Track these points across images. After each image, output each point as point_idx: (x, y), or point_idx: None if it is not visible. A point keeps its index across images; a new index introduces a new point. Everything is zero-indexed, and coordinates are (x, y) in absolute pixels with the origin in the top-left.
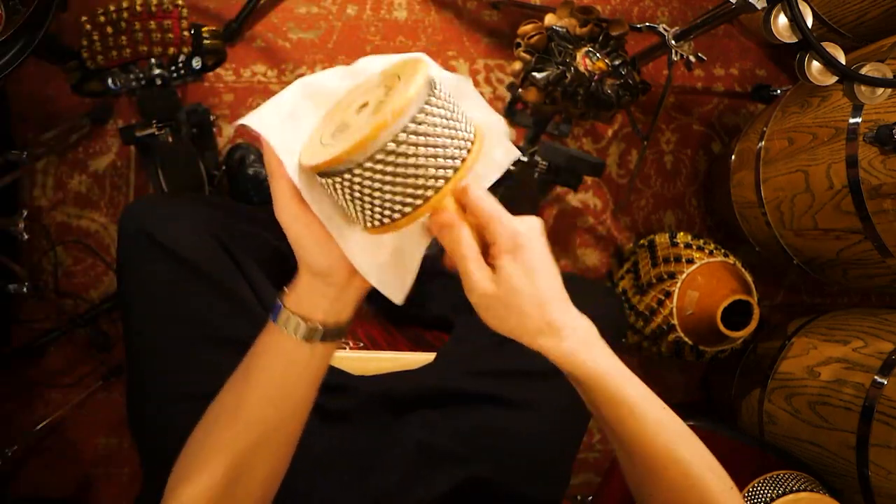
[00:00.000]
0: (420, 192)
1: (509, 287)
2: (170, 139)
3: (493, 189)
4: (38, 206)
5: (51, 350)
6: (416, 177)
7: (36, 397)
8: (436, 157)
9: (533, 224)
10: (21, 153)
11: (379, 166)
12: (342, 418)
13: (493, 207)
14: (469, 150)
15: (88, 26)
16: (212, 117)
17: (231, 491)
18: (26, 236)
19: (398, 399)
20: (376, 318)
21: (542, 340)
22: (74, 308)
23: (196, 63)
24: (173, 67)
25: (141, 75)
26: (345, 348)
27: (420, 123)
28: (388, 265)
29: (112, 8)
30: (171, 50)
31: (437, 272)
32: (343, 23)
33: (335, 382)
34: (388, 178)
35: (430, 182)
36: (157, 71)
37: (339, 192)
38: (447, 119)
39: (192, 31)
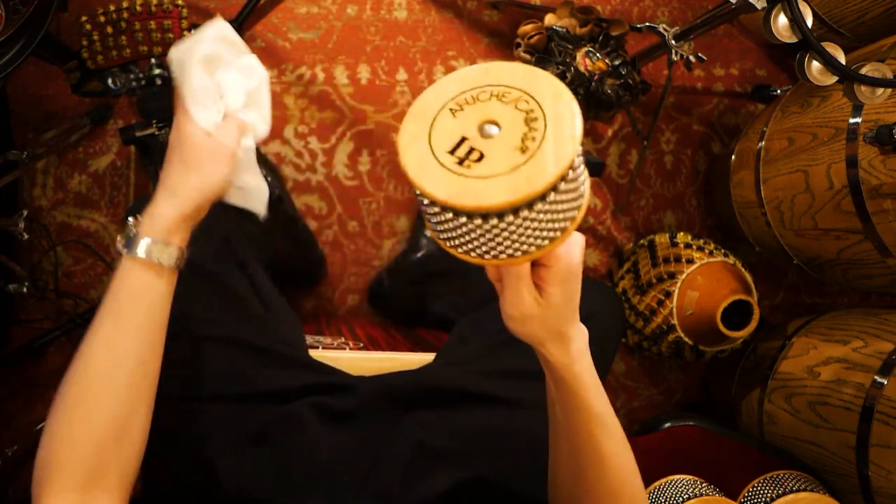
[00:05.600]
0: (534, 242)
1: (549, 311)
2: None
3: None
4: (38, 206)
5: (51, 350)
6: (540, 231)
7: (36, 397)
8: (563, 213)
9: (580, 244)
10: (21, 153)
11: (522, 218)
12: (346, 419)
13: None
14: (581, 205)
15: (88, 26)
16: None
17: (117, 445)
18: (26, 236)
19: (398, 399)
20: (376, 318)
21: (551, 347)
22: (74, 308)
23: None
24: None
25: (141, 75)
26: (345, 349)
27: (568, 181)
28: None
29: (112, 8)
30: None
31: (437, 272)
32: (343, 23)
33: (337, 382)
34: (515, 231)
35: (546, 234)
36: (157, 71)
37: (449, 221)
38: (581, 174)
39: (192, 31)
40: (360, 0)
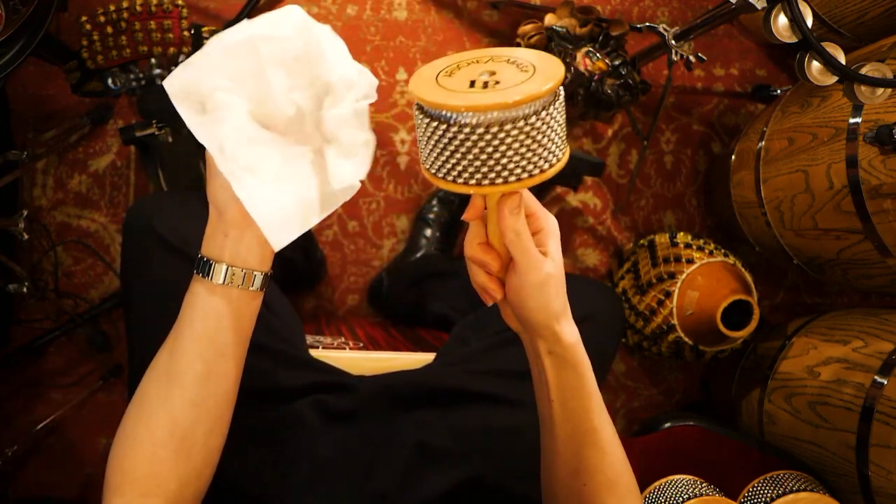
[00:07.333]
0: (518, 171)
1: (559, 267)
2: (170, 139)
3: None
4: (38, 206)
5: (51, 350)
6: (523, 157)
7: (36, 397)
8: (542, 148)
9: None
10: (21, 153)
11: (509, 130)
12: (346, 418)
13: (533, 198)
14: (559, 159)
15: (88, 26)
16: None
17: (175, 457)
18: (26, 236)
19: (398, 398)
20: (376, 318)
21: (563, 323)
22: (74, 308)
23: None
24: (173, 67)
25: (141, 75)
26: (345, 349)
27: (551, 111)
28: (284, 215)
29: (112, 8)
30: (171, 50)
31: (436, 272)
32: (343, 23)
33: (338, 382)
34: (502, 146)
35: (527, 167)
36: (157, 71)
37: (436, 134)
38: (561, 123)
39: (192, 31)
40: (360, 0)
